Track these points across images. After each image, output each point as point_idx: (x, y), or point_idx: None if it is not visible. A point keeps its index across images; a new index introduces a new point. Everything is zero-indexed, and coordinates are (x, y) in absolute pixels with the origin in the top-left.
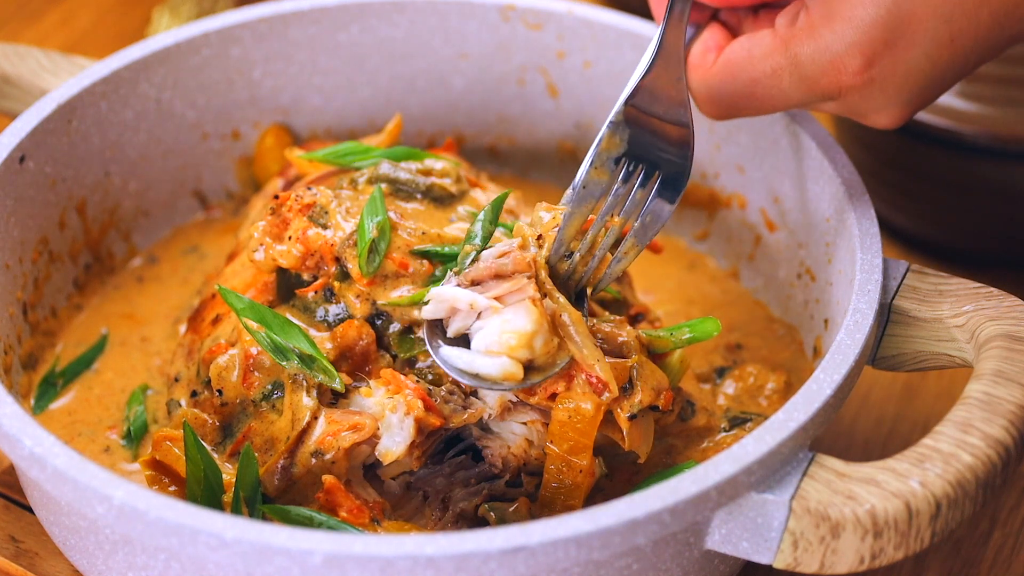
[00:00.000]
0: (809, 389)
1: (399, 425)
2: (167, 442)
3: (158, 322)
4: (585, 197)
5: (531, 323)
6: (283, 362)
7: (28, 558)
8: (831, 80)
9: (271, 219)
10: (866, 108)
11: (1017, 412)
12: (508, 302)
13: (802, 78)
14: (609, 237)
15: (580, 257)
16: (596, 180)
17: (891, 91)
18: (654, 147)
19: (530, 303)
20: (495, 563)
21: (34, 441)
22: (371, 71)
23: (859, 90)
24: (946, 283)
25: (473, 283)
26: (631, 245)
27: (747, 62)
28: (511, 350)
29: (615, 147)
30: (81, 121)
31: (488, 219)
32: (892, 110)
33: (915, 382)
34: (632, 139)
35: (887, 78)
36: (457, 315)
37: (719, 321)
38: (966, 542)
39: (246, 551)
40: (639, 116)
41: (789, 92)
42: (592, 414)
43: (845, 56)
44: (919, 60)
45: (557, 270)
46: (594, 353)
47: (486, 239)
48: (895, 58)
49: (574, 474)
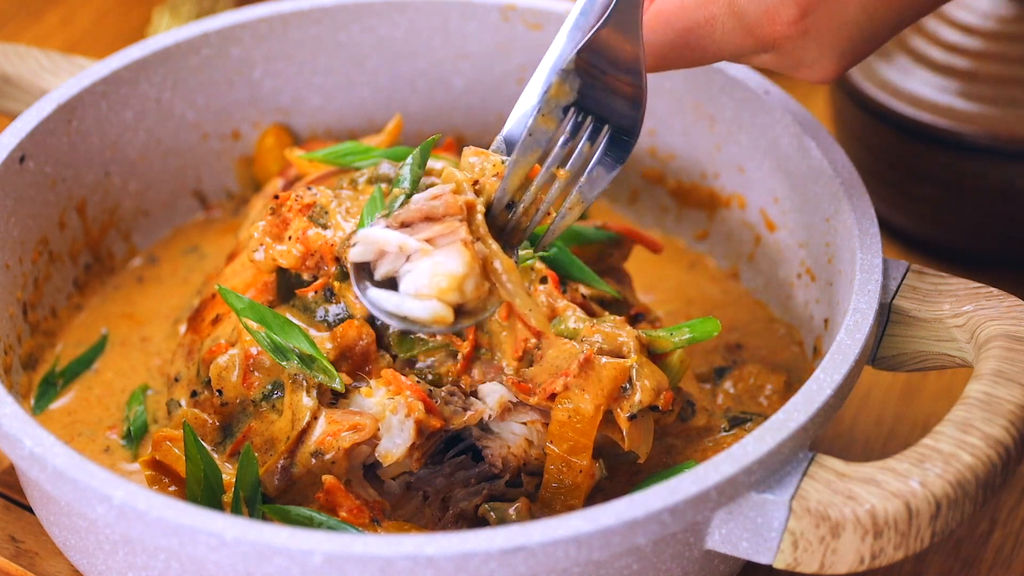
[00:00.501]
0: (809, 389)
1: (399, 427)
2: (167, 442)
3: (158, 322)
4: (531, 145)
5: (462, 265)
6: (283, 362)
7: (28, 558)
8: (766, 30)
9: (271, 219)
10: (800, 60)
11: (1017, 412)
12: (439, 244)
13: (736, 27)
14: (555, 190)
15: (523, 209)
16: (543, 128)
17: (825, 43)
18: (605, 100)
19: (461, 245)
20: (495, 563)
21: (34, 441)
22: (371, 71)
23: (793, 40)
24: (946, 283)
25: (403, 225)
26: (576, 200)
27: (680, 10)
28: (441, 292)
29: (564, 95)
30: (81, 121)
31: (416, 162)
32: (826, 63)
33: (915, 382)
34: (582, 89)
35: (822, 29)
36: (386, 258)
37: (719, 321)
38: (966, 542)
39: (246, 551)
40: (591, 67)
41: (722, 42)
42: (592, 414)
43: (779, 6)
44: (854, 12)
45: (498, 220)
46: (527, 302)
47: (415, 183)
48: (830, 9)
49: (574, 474)
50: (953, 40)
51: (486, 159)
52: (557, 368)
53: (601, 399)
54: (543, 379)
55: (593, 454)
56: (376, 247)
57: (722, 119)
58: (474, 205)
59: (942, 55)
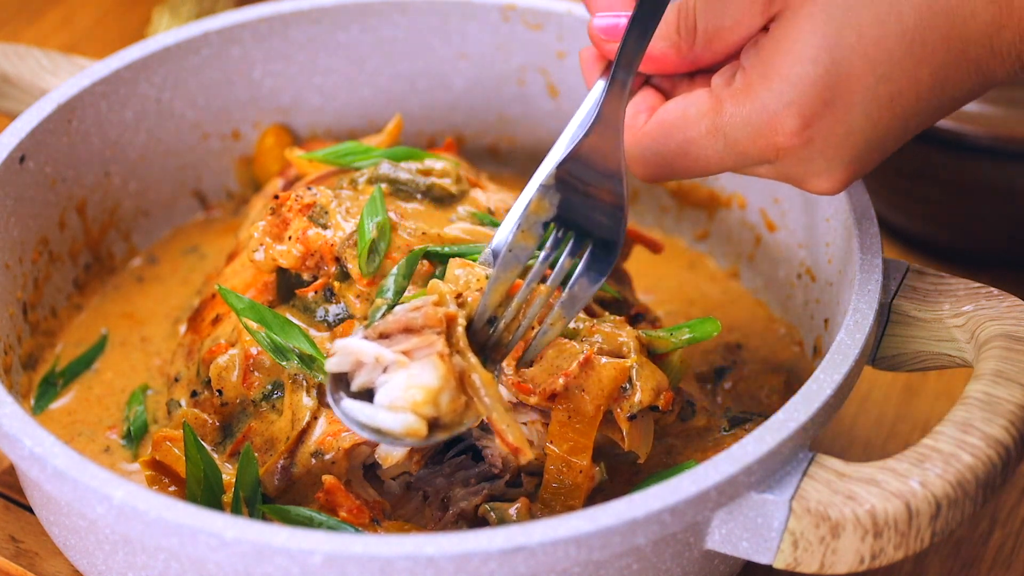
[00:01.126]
0: (809, 389)
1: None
2: (167, 442)
3: (158, 322)
4: (511, 261)
5: (437, 379)
6: (283, 362)
7: (28, 558)
8: (768, 141)
9: (271, 219)
10: (805, 172)
11: (1017, 412)
12: (416, 357)
13: (738, 140)
14: (536, 306)
15: (505, 325)
16: (523, 244)
17: (830, 153)
18: (585, 215)
19: (437, 358)
20: (495, 563)
21: (34, 441)
22: (371, 71)
23: (797, 151)
24: (946, 283)
25: (382, 336)
26: (558, 316)
27: (682, 121)
28: (415, 406)
29: (544, 211)
30: (81, 121)
31: (401, 274)
32: (832, 173)
33: (915, 382)
34: (563, 204)
35: (826, 139)
36: (363, 368)
37: (719, 321)
38: (966, 542)
39: (246, 551)
40: (572, 181)
41: (724, 153)
42: (592, 414)
43: (782, 116)
44: (859, 120)
45: (480, 335)
46: (504, 417)
47: (398, 293)
48: (834, 118)
49: (574, 474)
50: None
51: (471, 272)
52: (557, 368)
53: (601, 399)
54: (543, 379)
55: (593, 454)
56: (353, 357)
57: None
58: (455, 318)
59: None
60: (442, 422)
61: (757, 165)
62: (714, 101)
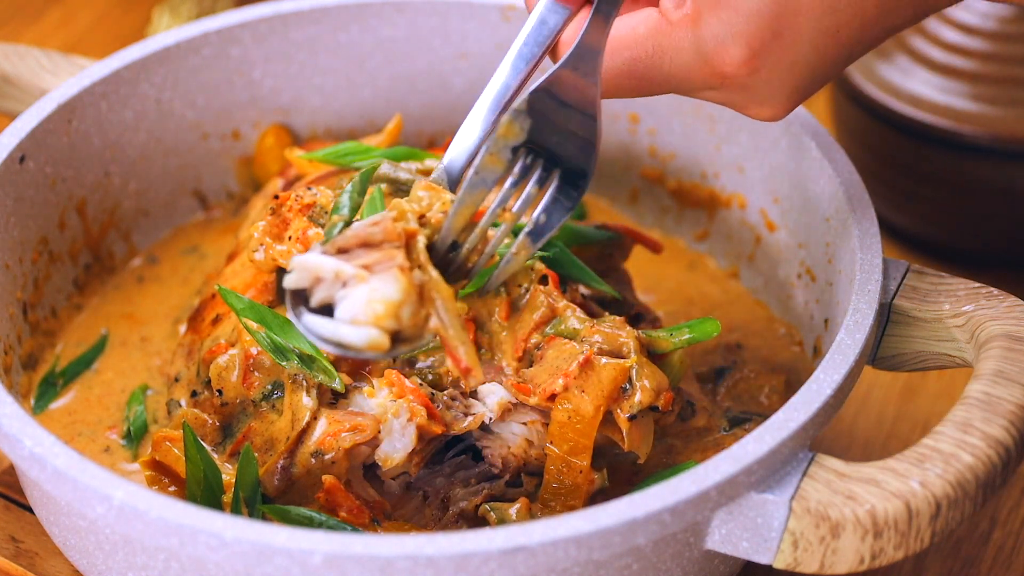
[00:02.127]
0: (809, 389)
1: (400, 432)
2: (167, 443)
3: (158, 322)
4: (477, 184)
5: (398, 292)
6: (283, 362)
7: (28, 558)
8: (713, 69)
9: (271, 219)
10: (748, 99)
11: (1017, 412)
12: (376, 271)
13: (684, 63)
14: (501, 232)
15: (467, 250)
16: (491, 167)
17: (775, 82)
18: (557, 141)
19: (398, 271)
20: (495, 563)
21: (34, 441)
22: (371, 71)
23: (742, 79)
24: (946, 283)
25: (340, 252)
26: (523, 245)
27: (630, 39)
28: (377, 319)
29: (514, 135)
30: (81, 121)
31: (356, 190)
32: (775, 102)
33: (915, 382)
34: (533, 129)
35: (772, 69)
36: (321, 284)
37: (719, 321)
38: (966, 542)
39: (246, 551)
40: (544, 107)
41: (670, 75)
42: (592, 414)
43: (729, 45)
44: (805, 51)
45: (443, 259)
46: (459, 335)
47: (354, 210)
48: (781, 49)
49: (574, 475)
50: (953, 40)
51: (435, 194)
52: (557, 368)
53: (601, 400)
54: (543, 379)
55: (593, 455)
56: (311, 273)
57: (722, 119)
58: (415, 233)
59: (942, 55)
60: (403, 335)
61: (701, 90)
62: (663, 23)
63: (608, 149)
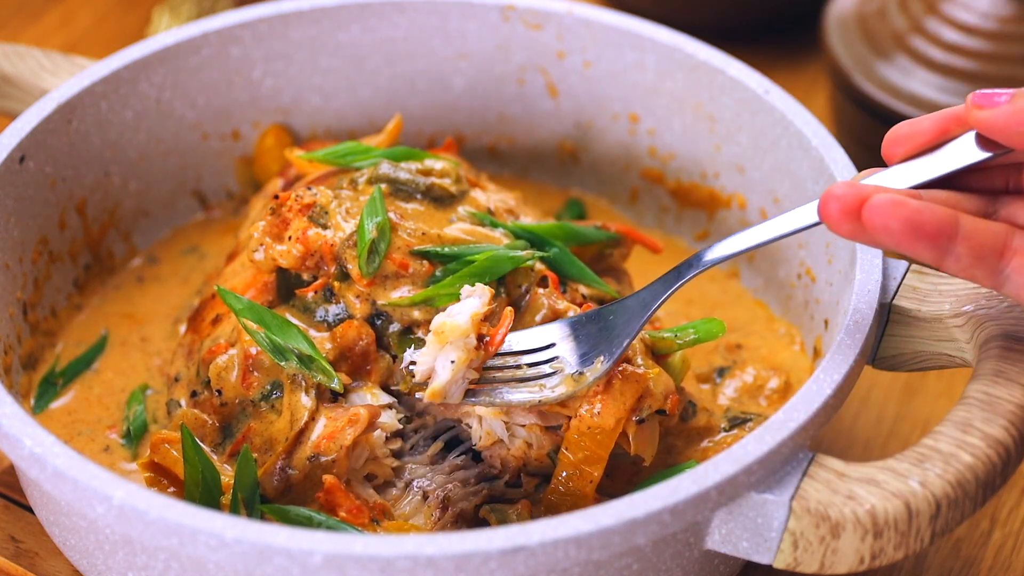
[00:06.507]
0: (809, 389)
1: (447, 359)
2: (165, 444)
3: (158, 322)
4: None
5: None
6: (282, 362)
7: (28, 558)
8: None
9: (271, 219)
10: None
11: (1017, 412)
12: None
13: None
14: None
15: (505, 370)
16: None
17: None
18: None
19: None
20: (495, 563)
21: (34, 441)
22: (371, 71)
23: None
24: (946, 283)
25: None
26: (537, 386)
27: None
28: None
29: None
30: (81, 121)
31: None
32: None
33: (915, 382)
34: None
35: None
36: None
37: (723, 322)
38: (966, 542)
39: (246, 551)
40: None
41: (986, 281)
42: (612, 427)
43: None
44: None
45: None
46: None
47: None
48: None
49: (584, 483)
50: (953, 40)
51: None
52: None
53: (623, 412)
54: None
55: None
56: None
57: (722, 119)
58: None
59: (942, 55)
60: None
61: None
62: (1008, 252)
63: (608, 149)
